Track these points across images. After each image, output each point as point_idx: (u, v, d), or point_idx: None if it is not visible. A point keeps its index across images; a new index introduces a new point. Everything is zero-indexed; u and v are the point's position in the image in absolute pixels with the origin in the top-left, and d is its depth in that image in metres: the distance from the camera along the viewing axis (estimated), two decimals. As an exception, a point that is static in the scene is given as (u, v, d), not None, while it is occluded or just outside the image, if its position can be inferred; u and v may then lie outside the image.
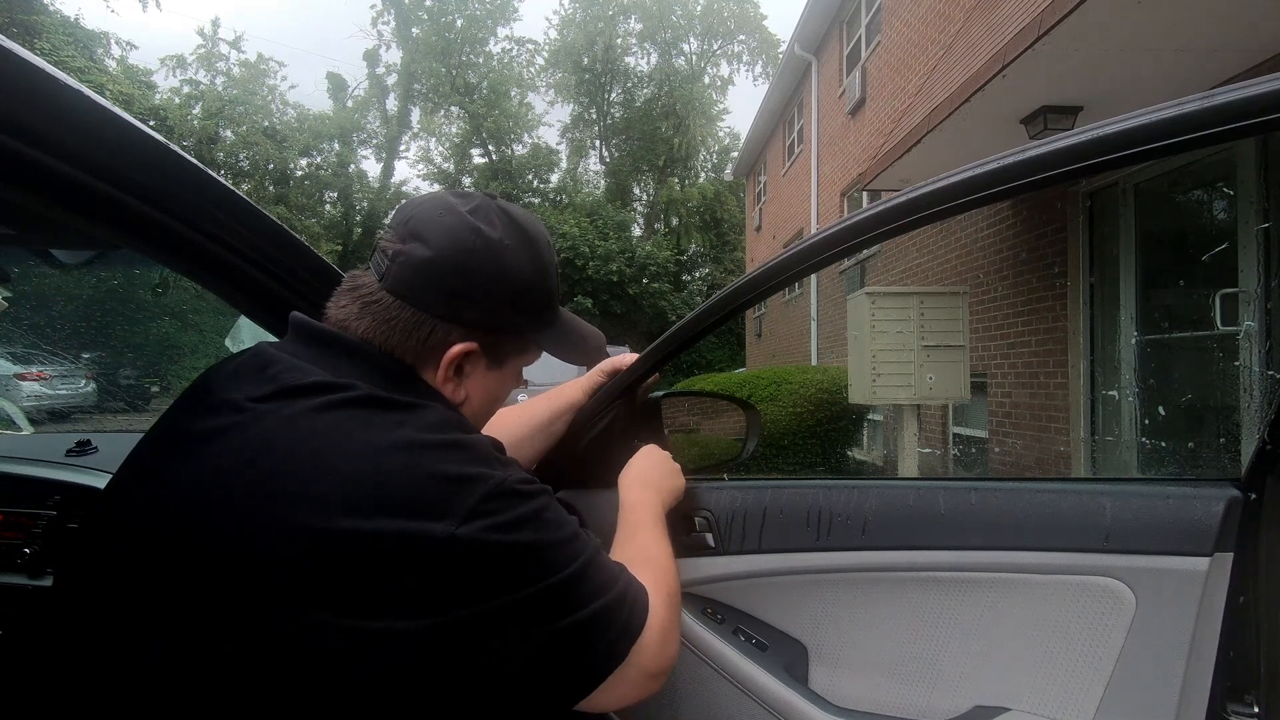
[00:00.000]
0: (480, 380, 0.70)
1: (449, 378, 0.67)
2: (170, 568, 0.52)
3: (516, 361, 0.74)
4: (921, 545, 0.90)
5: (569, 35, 25.23)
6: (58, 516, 1.31)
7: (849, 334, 5.00)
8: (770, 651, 0.95)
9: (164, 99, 20.29)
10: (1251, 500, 0.81)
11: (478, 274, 0.64)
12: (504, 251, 0.65)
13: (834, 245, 0.82)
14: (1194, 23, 2.95)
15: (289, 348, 0.63)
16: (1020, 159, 0.69)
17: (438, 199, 0.67)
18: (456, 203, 0.66)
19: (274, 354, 0.62)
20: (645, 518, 0.82)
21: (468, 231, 0.64)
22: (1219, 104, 0.59)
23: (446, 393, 0.67)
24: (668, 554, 0.78)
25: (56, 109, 0.51)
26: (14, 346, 3.80)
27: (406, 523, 0.52)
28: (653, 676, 0.64)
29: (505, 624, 0.54)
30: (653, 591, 0.68)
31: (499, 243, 0.65)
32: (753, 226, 16.19)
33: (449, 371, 0.66)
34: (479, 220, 0.65)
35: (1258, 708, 0.82)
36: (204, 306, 4.20)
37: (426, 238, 0.63)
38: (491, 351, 0.69)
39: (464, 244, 0.64)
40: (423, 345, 0.64)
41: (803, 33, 10.48)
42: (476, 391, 0.70)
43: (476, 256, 0.64)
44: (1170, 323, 3.94)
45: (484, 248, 0.64)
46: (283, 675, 0.50)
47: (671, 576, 0.75)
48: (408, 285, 0.63)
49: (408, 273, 0.63)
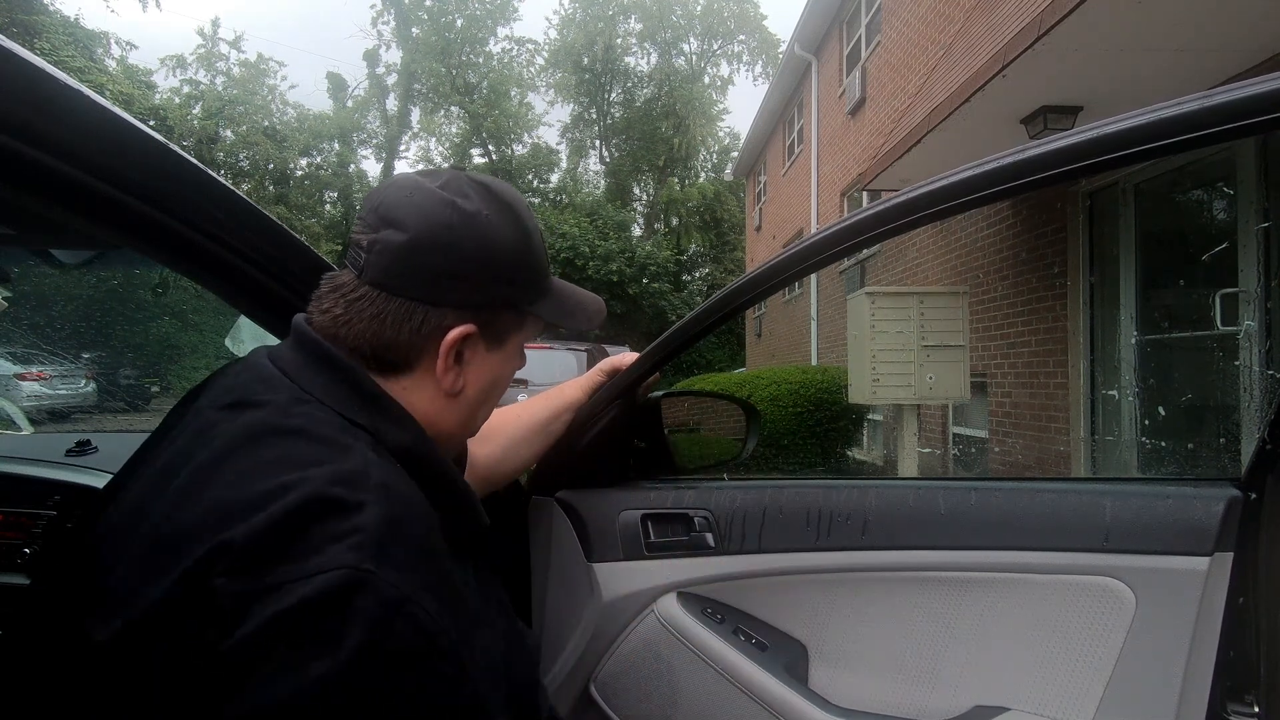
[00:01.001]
0: (482, 364, 0.66)
1: (449, 366, 0.63)
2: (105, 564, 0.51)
3: (517, 338, 0.70)
4: (921, 545, 0.90)
5: (569, 35, 25.23)
6: (58, 516, 1.31)
7: (849, 334, 5.00)
8: (770, 651, 0.95)
9: (164, 99, 20.30)
10: (1251, 500, 0.81)
11: (460, 249, 0.60)
12: (484, 222, 0.61)
13: (834, 245, 0.82)
14: (1194, 23, 2.95)
15: (280, 353, 0.62)
16: (1020, 159, 0.69)
17: (404, 180, 0.63)
18: (424, 180, 0.62)
19: (256, 360, 0.61)
20: None
21: (442, 206, 0.60)
22: (1219, 104, 0.59)
23: (446, 384, 0.63)
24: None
25: (56, 109, 0.51)
26: (14, 346, 3.79)
27: (205, 583, 0.44)
28: None
29: None
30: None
31: (477, 214, 0.61)
32: (753, 226, 16.19)
33: (449, 360, 0.63)
34: (451, 194, 0.61)
35: (1258, 708, 0.82)
36: (204, 306, 4.21)
37: (400, 221, 0.59)
38: (489, 331, 0.65)
39: (441, 220, 0.59)
40: (416, 335, 0.60)
41: (803, 33, 10.48)
42: (479, 377, 0.66)
43: (456, 232, 0.60)
44: (1170, 323, 3.93)
45: (462, 221, 0.60)
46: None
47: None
48: (388, 274, 0.59)
49: (386, 260, 0.59)
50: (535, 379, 5.05)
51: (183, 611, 0.44)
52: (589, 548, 1.03)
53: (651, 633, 0.99)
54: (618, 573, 1.01)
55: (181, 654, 0.43)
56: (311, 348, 0.60)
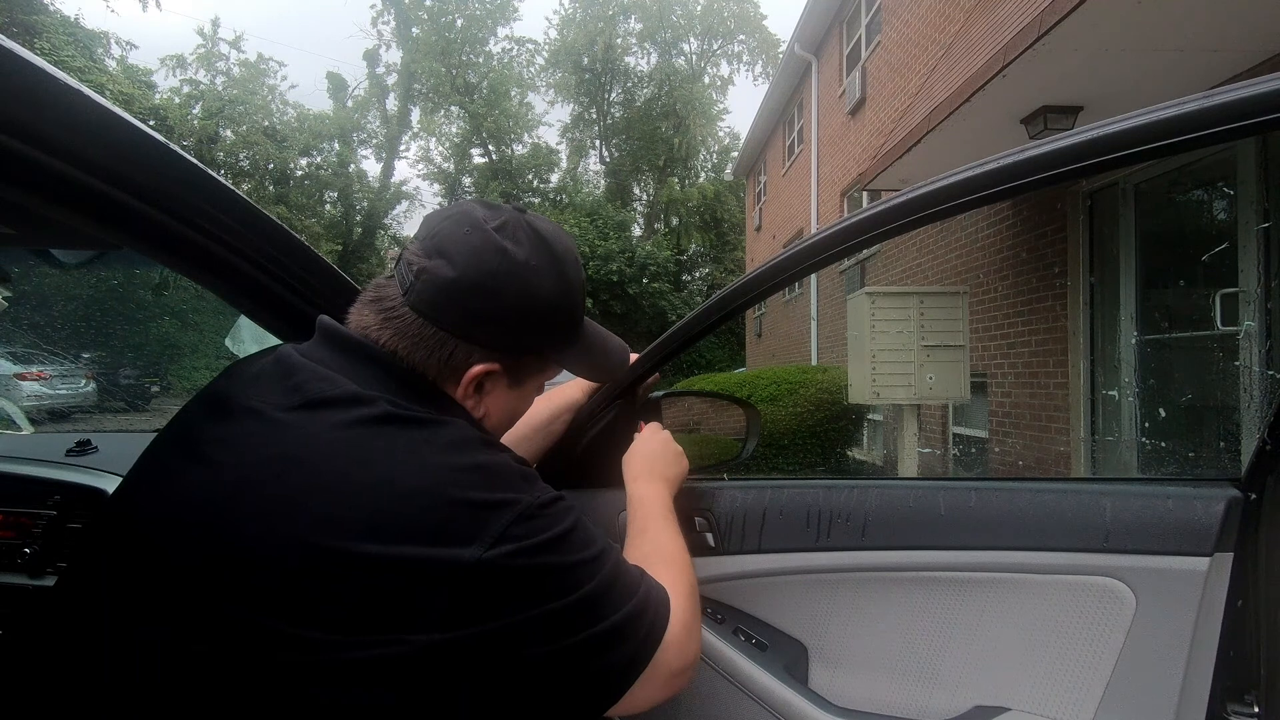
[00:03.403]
0: (500, 397, 0.71)
1: (469, 394, 0.67)
2: (182, 572, 0.52)
3: (537, 379, 0.74)
4: (921, 545, 0.90)
5: (569, 35, 25.23)
6: (58, 516, 1.31)
7: (849, 334, 5.00)
8: (770, 651, 0.95)
9: (164, 99, 20.28)
10: (1251, 500, 0.81)
11: (501, 297, 0.64)
12: (529, 273, 0.65)
13: (834, 245, 0.82)
14: (1194, 23, 2.95)
15: (315, 353, 0.63)
16: (1020, 159, 0.69)
17: (465, 212, 0.66)
18: (484, 218, 0.65)
19: (298, 360, 0.62)
20: (655, 511, 0.82)
21: (493, 253, 0.63)
22: (1219, 104, 0.59)
23: (467, 408, 0.68)
24: (682, 548, 0.79)
25: (56, 109, 0.50)
26: (14, 346, 3.79)
27: (432, 549, 0.52)
28: (678, 674, 0.65)
29: (531, 638, 0.55)
30: (672, 590, 0.68)
31: (525, 264, 0.65)
32: (753, 226, 16.19)
33: (470, 389, 0.67)
34: (505, 239, 0.64)
35: (1258, 708, 0.82)
36: (204, 306, 4.21)
37: (451, 256, 0.63)
38: (512, 371, 0.69)
39: (488, 266, 0.63)
40: (444, 364, 0.65)
41: (803, 32, 10.48)
42: (496, 408, 0.71)
43: (500, 280, 0.63)
44: (1170, 323, 3.93)
45: (508, 271, 0.64)
46: (288, 692, 0.50)
47: (688, 571, 0.75)
48: (430, 304, 0.63)
49: (431, 292, 0.63)
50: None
51: (395, 589, 0.51)
52: None
53: None
54: None
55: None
56: (354, 346, 0.64)
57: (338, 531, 0.51)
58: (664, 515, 0.82)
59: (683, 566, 0.75)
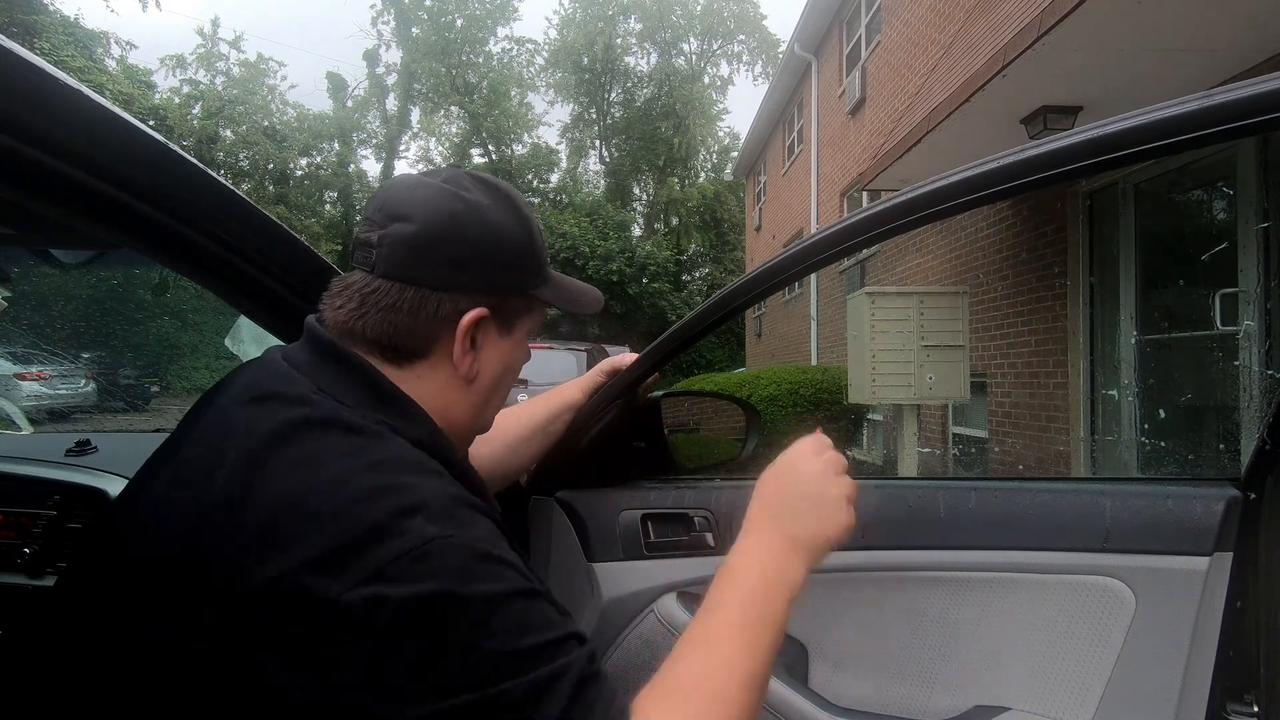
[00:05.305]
0: (494, 350, 0.68)
1: (465, 351, 0.65)
2: (181, 572, 0.53)
3: (525, 324, 0.72)
4: (921, 545, 0.90)
5: (569, 35, 25.23)
6: (57, 516, 1.31)
7: (849, 334, 5.00)
8: (770, 651, 0.95)
9: (164, 99, 20.31)
10: (1251, 500, 0.82)
11: (467, 236, 0.63)
12: (486, 211, 0.64)
13: (834, 245, 0.82)
14: (1194, 23, 2.95)
15: (294, 355, 0.63)
16: (1020, 159, 0.69)
17: (406, 178, 0.66)
18: (426, 177, 0.65)
19: (272, 358, 0.63)
20: (747, 593, 0.59)
21: (447, 198, 0.63)
22: (1219, 104, 0.58)
23: (463, 369, 0.65)
24: (746, 682, 0.54)
25: (56, 109, 0.50)
26: (14, 346, 3.79)
27: (307, 576, 0.47)
28: None
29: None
30: None
31: (480, 203, 0.64)
32: (753, 226, 16.19)
33: (465, 345, 0.65)
34: (454, 187, 0.64)
35: (1258, 708, 0.82)
36: (204, 306, 4.20)
37: (407, 214, 0.62)
38: (500, 314, 0.67)
39: (447, 210, 0.62)
40: (432, 321, 0.63)
41: (803, 32, 10.48)
42: (492, 363, 0.68)
43: (461, 220, 0.63)
44: (1170, 323, 3.93)
45: (467, 210, 0.63)
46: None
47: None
48: (401, 264, 0.61)
49: (399, 252, 0.61)
50: (535, 379, 5.04)
51: (273, 609, 0.48)
52: (589, 548, 1.03)
53: (652, 632, 0.98)
54: (618, 573, 1.01)
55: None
56: (324, 346, 0.62)
57: (241, 539, 0.50)
58: (758, 615, 0.58)
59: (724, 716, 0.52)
